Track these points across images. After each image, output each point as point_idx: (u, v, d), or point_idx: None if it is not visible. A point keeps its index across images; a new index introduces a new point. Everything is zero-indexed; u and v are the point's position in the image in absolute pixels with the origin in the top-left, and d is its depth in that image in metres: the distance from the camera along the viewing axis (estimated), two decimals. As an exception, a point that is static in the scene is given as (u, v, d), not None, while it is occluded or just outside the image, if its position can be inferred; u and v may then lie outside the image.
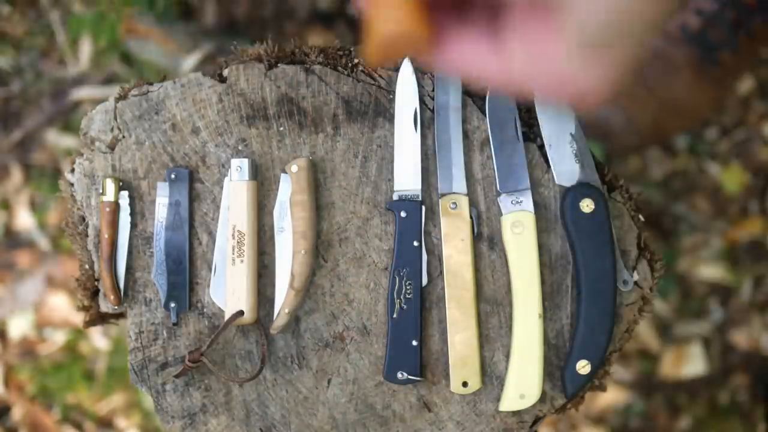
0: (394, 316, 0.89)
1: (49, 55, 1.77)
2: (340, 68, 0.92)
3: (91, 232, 0.93)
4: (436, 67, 0.53)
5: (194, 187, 0.92)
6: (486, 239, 0.91)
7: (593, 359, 0.90)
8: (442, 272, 0.90)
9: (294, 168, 0.88)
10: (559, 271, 0.91)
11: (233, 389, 0.91)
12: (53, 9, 1.76)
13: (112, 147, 0.92)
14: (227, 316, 0.88)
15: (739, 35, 1.52)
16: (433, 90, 0.91)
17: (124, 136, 0.92)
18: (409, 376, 0.89)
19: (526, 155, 0.90)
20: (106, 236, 0.90)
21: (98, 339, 1.71)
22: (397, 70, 0.91)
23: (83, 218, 0.93)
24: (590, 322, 0.89)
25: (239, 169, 0.89)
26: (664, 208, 1.69)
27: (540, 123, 0.90)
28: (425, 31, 0.49)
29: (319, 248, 0.91)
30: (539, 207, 0.91)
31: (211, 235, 0.91)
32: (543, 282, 0.90)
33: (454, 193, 0.90)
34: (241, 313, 0.88)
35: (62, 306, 1.72)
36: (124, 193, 0.91)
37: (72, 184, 0.93)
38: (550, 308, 0.91)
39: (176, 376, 0.89)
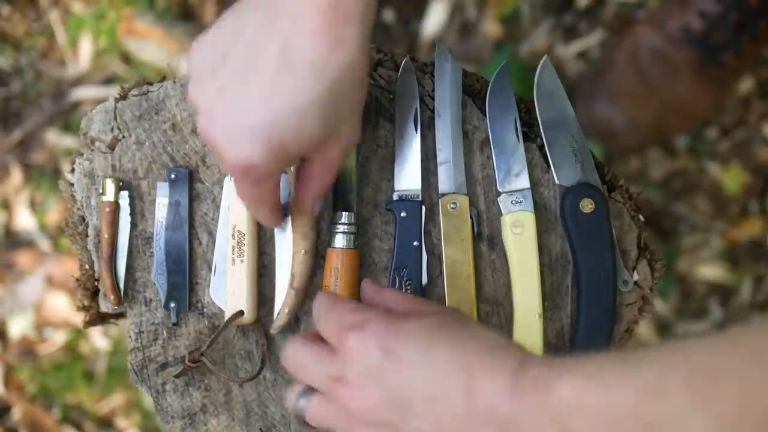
0: (394, 316, 0.89)
1: (49, 55, 1.77)
2: (340, 68, 0.92)
3: (91, 232, 0.93)
4: None
5: (194, 187, 0.91)
6: (486, 239, 0.91)
7: (593, 359, 0.89)
8: (442, 272, 0.90)
9: (294, 168, 0.88)
10: (559, 271, 0.91)
11: (233, 389, 0.91)
12: (53, 9, 1.76)
13: (112, 147, 0.92)
14: (227, 316, 0.88)
15: (743, 37, 1.52)
16: (433, 90, 0.91)
17: (124, 136, 0.92)
18: (409, 376, 0.89)
19: (526, 155, 0.90)
20: (106, 236, 0.90)
21: (98, 339, 1.71)
22: (397, 70, 0.91)
23: (83, 218, 0.93)
24: (590, 323, 0.89)
25: (239, 169, 0.89)
26: (664, 208, 1.69)
27: (540, 123, 0.90)
28: None
29: (319, 248, 0.91)
30: (539, 207, 0.91)
31: (211, 235, 0.91)
32: (543, 282, 0.90)
33: (454, 193, 0.90)
34: (241, 313, 0.88)
35: (62, 306, 1.72)
36: (124, 193, 0.91)
37: (72, 184, 0.93)
38: (550, 308, 0.91)
39: (176, 376, 0.89)
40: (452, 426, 0.59)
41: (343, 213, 0.88)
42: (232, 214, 0.89)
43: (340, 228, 0.87)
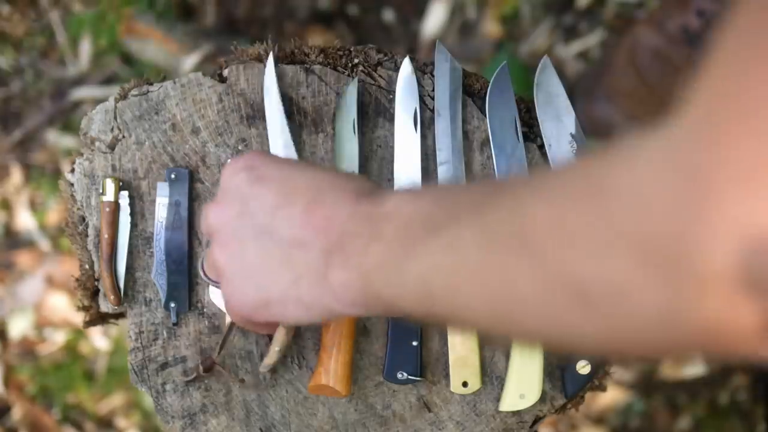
0: (394, 316, 0.89)
1: (49, 55, 1.77)
2: (340, 68, 0.92)
3: (91, 232, 0.93)
4: None
5: (194, 187, 0.92)
6: (486, 239, 0.91)
7: (593, 359, 0.89)
8: (442, 272, 0.90)
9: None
10: (559, 271, 0.91)
11: (233, 389, 0.91)
12: (53, 9, 1.76)
13: (112, 147, 0.92)
14: (227, 317, 0.88)
15: (740, 36, 1.52)
16: (433, 90, 0.91)
17: (124, 136, 0.92)
18: (409, 376, 0.89)
19: (526, 155, 0.90)
20: (106, 236, 0.90)
21: (98, 339, 1.71)
22: (397, 69, 0.91)
23: (83, 218, 0.93)
24: (590, 322, 0.89)
25: (239, 169, 0.89)
26: (664, 208, 1.68)
27: (540, 123, 0.90)
28: (346, 390, 0.87)
29: (319, 248, 0.91)
30: (539, 207, 0.90)
31: (211, 235, 0.91)
32: (543, 282, 0.90)
33: (454, 193, 0.90)
34: (241, 313, 0.88)
35: (62, 306, 1.72)
36: (124, 193, 0.91)
37: (72, 184, 0.93)
38: (550, 308, 0.91)
39: (188, 383, 0.90)
40: (288, 233, 0.63)
41: None
42: (232, 214, 0.89)
43: None
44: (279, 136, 0.89)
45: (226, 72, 0.92)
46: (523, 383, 0.89)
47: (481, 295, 0.51)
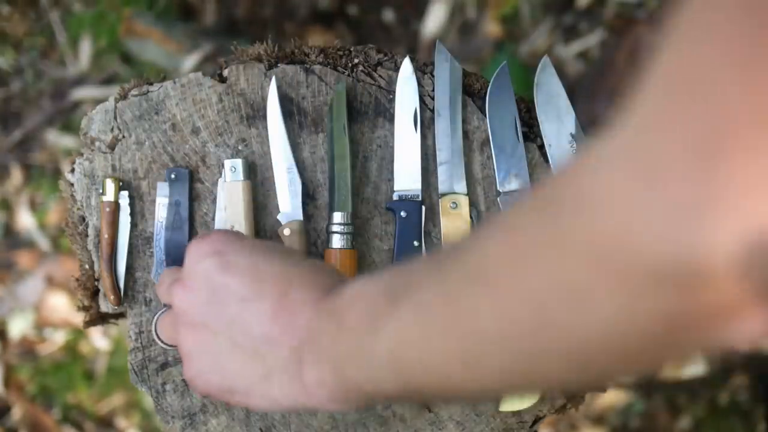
0: (394, 316, 0.89)
1: (49, 55, 1.77)
2: (340, 68, 0.92)
3: (91, 232, 0.93)
4: None
5: (194, 187, 0.92)
6: (486, 239, 0.91)
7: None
8: (442, 272, 0.90)
9: (286, 231, 0.88)
10: (559, 271, 0.91)
11: (233, 389, 0.91)
12: (53, 9, 1.76)
13: (112, 147, 0.92)
14: (227, 316, 0.88)
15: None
16: (433, 90, 0.91)
17: (124, 136, 0.92)
18: (409, 376, 0.89)
19: (526, 155, 0.90)
20: (106, 236, 0.90)
21: (98, 339, 1.71)
22: (397, 69, 0.91)
23: (83, 218, 0.93)
24: (590, 322, 0.89)
25: (233, 169, 0.89)
26: (664, 208, 1.69)
27: (540, 123, 0.90)
28: None
29: (320, 248, 0.91)
30: (539, 207, 0.90)
31: (211, 235, 0.91)
32: (543, 282, 0.90)
33: (454, 193, 0.90)
34: (241, 313, 0.88)
35: (62, 306, 1.72)
36: (124, 193, 0.91)
37: (72, 184, 0.93)
38: (550, 308, 0.91)
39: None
40: (258, 330, 0.62)
41: (339, 213, 0.88)
42: (229, 214, 0.89)
43: (336, 228, 0.87)
44: (282, 161, 0.90)
45: (226, 72, 0.92)
46: (523, 383, 0.89)
47: (450, 349, 0.49)
